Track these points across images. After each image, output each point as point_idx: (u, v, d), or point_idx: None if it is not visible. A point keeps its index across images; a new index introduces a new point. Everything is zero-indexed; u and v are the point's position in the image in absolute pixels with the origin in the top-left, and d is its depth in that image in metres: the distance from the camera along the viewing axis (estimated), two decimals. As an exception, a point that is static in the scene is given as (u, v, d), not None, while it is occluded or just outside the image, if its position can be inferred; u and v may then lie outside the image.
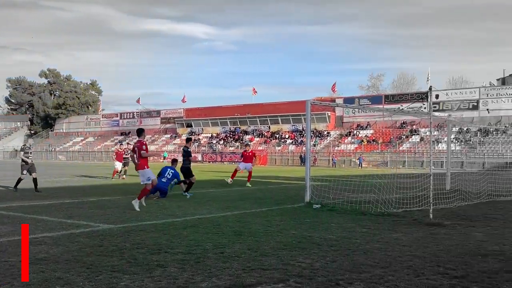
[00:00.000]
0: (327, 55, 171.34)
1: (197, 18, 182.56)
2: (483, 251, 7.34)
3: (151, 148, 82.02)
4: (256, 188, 17.97)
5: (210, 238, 8.06)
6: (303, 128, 70.13)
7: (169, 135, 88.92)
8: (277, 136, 74.40)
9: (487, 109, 60.11)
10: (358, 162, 57.88)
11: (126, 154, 25.17)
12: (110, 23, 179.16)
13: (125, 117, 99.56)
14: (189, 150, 16.82)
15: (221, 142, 78.52)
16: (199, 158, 72.77)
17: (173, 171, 15.34)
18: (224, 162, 68.18)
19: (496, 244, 7.87)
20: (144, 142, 12.07)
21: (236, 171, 21.14)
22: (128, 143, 36.43)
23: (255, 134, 78.19)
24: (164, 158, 66.14)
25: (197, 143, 79.49)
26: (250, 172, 21.11)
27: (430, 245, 7.69)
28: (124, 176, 25.09)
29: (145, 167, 11.82)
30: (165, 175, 15.17)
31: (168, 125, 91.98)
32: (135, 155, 12.03)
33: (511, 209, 12.92)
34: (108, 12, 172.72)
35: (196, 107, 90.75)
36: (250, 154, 21.71)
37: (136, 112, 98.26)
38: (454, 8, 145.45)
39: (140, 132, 12.65)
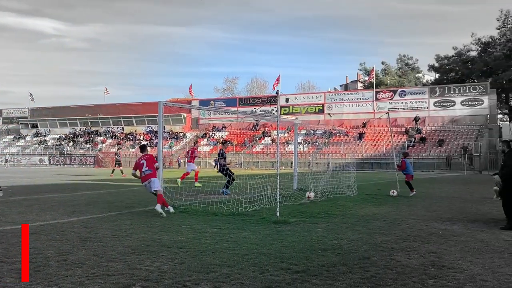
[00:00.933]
0: (184, 57, 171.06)
1: (45, 12, 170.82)
2: (323, 245, 7.86)
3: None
4: (106, 191, 17.32)
5: (52, 245, 7.62)
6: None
7: (12, 136, 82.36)
8: (131, 137, 72.62)
9: (329, 114, 64.64)
10: (214, 164, 58.66)
11: None
12: None
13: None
14: (222, 152, 17.68)
15: (71, 144, 74.49)
16: (46, 161, 68.28)
17: None
18: (74, 165, 64.78)
19: (335, 239, 8.48)
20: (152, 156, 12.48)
21: (187, 173, 21.21)
22: None
23: (107, 135, 75.47)
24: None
25: (43, 145, 74.59)
26: (197, 172, 22.10)
27: (275, 242, 8.05)
28: None
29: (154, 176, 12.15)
30: None
31: (11, 126, 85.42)
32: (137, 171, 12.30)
33: (349, 206, 13.99)
34: None
35: (43, 106, 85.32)
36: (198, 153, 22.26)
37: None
38: (303, 18, 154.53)
39: (143, 148, 12.90)
